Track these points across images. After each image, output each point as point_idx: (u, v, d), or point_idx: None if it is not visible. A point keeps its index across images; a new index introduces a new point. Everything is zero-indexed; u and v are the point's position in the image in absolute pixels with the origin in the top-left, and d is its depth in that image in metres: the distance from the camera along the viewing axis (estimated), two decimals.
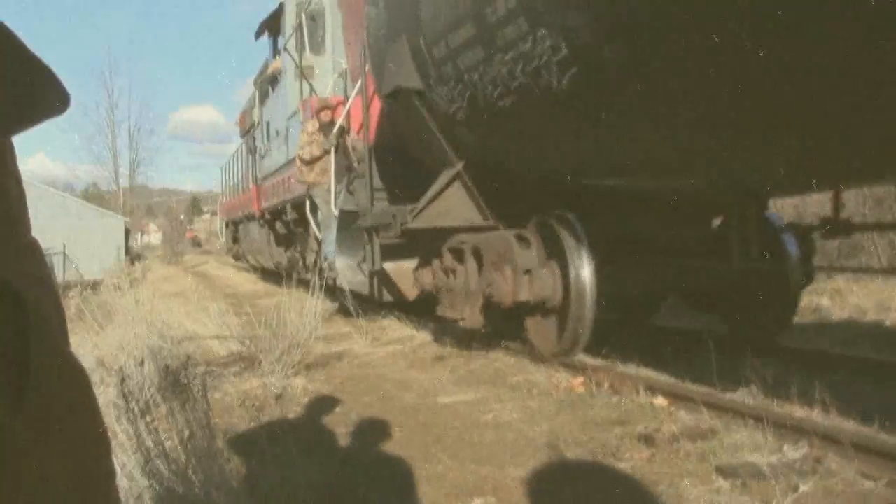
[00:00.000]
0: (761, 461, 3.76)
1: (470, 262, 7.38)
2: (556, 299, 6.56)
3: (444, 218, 7.56)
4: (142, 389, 4.79)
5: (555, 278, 6.55)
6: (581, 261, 6.31)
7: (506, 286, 6.64)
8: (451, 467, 4.17)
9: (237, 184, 26.25)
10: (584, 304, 6.24)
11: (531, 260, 6.67)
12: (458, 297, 7.52)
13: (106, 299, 12.28)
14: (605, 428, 4.76)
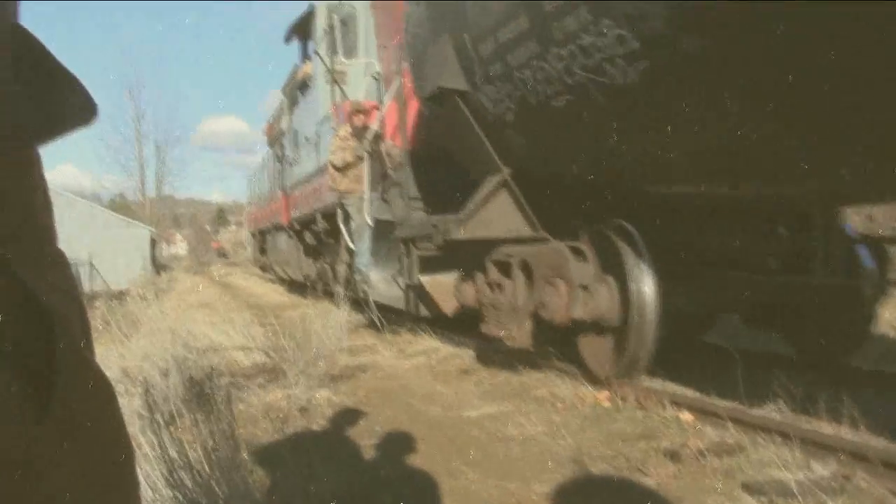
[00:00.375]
0: (789, 478, 3.72)
1: (518, 276, 6.92)
2: (613, 317, 6.09)
3: (490, 228, 7.14)
4: (166, 400, 4.80)
5: (612, 294, 6.09)
6: (642, 276, 5.87)
7: (559, 302, 6.16)
8: (476, 481, 4.15)
9: (264, 194, 25.85)
10: (645, 324, 5.82)
11: (587, 274, 6.21)
12: (505, 313, 7.01)
13: (131, 309, 12.35)
14: (630, 443, 4.73)
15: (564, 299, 6.14)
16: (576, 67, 5.21)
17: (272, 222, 23.18)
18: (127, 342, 8.01)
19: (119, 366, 6.60)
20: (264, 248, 27.09)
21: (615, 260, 6.04)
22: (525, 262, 6.83)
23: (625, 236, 6.06)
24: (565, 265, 6.23)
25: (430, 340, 9.15)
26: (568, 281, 6.16)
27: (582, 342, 6.52)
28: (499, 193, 7.09)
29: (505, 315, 6.98)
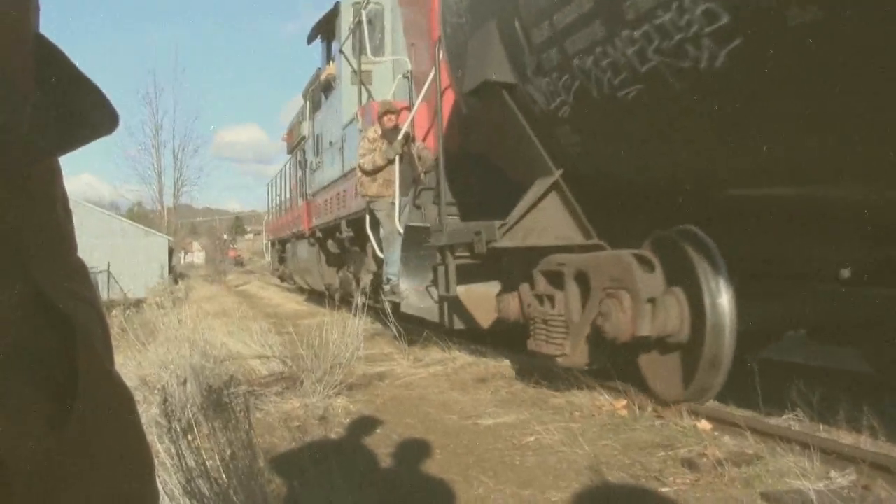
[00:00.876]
0: (807, 488, 3.69)
1: (571, 287, 6.24)
2: (682, 334, 5.47)
3: (538, 235, 6.54)
4: (184, 408, 4.81)
5: (682, 309, 5.45)
6: (718, 288, 5.24)
7: (623, 318, 5.48)
8: (493, 490, 4.15)
9: (284, 201, 25.60)
10: (721, 342, 5.19)
11: (656, 286, 5.54)
12: (557, 329, 6.28)
13: (149, 318, 12.39)
14: (648, 451, 4.71)
15: (629, 314, 5.50)
16: (650, 52, 4.70)
17: (292, 231, 22.64)
18: (144, 350, 8.03)
19: (137, 374, 6.62)
20: (283, 258, 26.54)
21: (684, 270, 5.45)
22: (580, 272, 6.17)
23: (696, 244, 5.48)
24: (631, 275, 5.57)
25: (447, 349, 9.14)
26: (633, 293, 5.51)
27: (644, 361, 5.90)
28: (549, 197, 6.54)
29: (557, 331, 6.31)
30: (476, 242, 6.83)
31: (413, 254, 9.06)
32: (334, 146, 15.40)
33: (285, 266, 26.32)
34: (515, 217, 6.50)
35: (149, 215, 65.48)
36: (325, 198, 16.60)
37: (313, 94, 18.82)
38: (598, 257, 6.07)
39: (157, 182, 63.46)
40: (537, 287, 6.67)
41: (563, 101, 5.86)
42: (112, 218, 48.12)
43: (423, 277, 9.14)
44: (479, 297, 8.10)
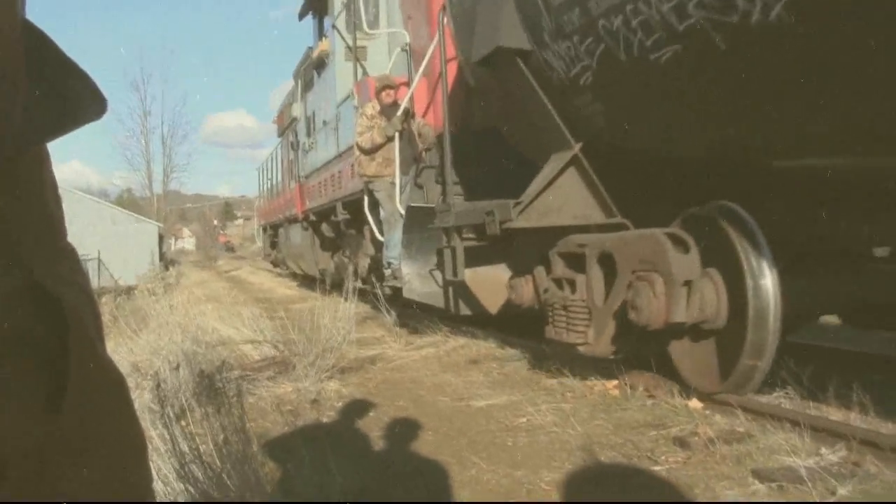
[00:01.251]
0: (798, 464, 3.72)
1: (594, 270, 5.76)
2: (719, 320, 5.03)
3: (556, 215, 6.08)
4: (176, 394, 4.82)
5: (718, 292, 5.01)
6: (761, 269, 4.76)
7: (655, 303, 5.02)
8: (486, 470, 4.16)
9: (275, 185, 25.00)
10: (765, 327, 4.73)
11: (691, 268, 5.03)
12: (578, 316, 5.83)
13: (140, 305, 12.38)
14: (639, 431, 4.73)
15: (662, 299, 5.04)
16: (691, 7, 4.25)
17: (285, 215, 21.86)
18: (136, 337, 8.03)
19: (129, 360, 6.62)
20: (276, 242, 25.82)
21: (721, 250, 4.97)
22: (605, 254, 5.66)
23: (735, 221, 4.98)
24: (664, 256, 5.06)
25: (439, 332, 9.15)
26: (667, 276, 5.02)
27: (676, 349, 5.43)
28: (567, 173, 6.06)
29: (578, 318, 5.85)
30: (488, 223, 6.40)
31: (415, 236, 8.58)
32: (328, 125, 14.88)
33: (278, 251, 25.62)
34: (531, 195, 6.07)
35: (138, 202, 65.52)
36: (319, 180, 16.04)
37: (305, 73, 18.27)
38: (625, 237, 5.58)
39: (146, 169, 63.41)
40: (555, 270, 6.20)
41: (584, 67, 5.44)
42: (102, 205, 48.12)
43: (426, 261, 8.69)
44: (487, 281, 7.69)
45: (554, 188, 6.07)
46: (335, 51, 14.04)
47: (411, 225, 8.51)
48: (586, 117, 5.77)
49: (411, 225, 8.51)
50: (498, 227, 6.25)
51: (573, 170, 6.05)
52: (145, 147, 64.45)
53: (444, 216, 7.44)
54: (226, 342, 8.05)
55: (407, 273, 8.68)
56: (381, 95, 9.92)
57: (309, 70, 17.55)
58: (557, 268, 6.19)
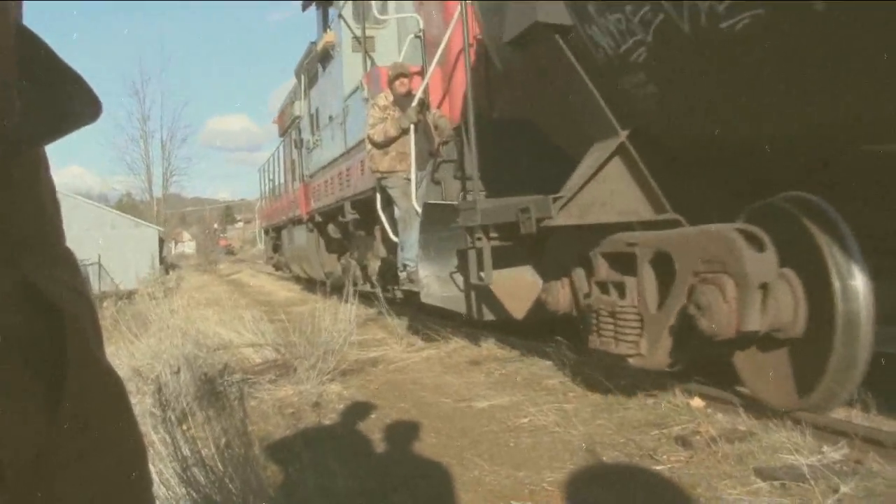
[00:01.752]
0: (801, 462, 3.71)
1: (646, 272, 5.11)
2: (796, 327, 4.38)
3: (600, 211, 5.47)
4: (178, 398, 4.82)
5: (795, 295, 4.37)
6: (850, 269, 4.15)
7: (726, 309, 4.31)
8: (488, 472, 4.16)
9: (277, 186, 24.11)
10: (856, 336, 4.11)
11: (768, 268, 4.31)
12: (629, 323, 5.19)
13: (141, 309, 12.38)
14: (641, 430, 4.73)
15: (734, 304, 4.34)
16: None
17: (288, 216, 20.83)
18: (137, 342, 8.03)
19: (129, 365, 6.62)
20: (278, 245, 24.88)
21: (800, 248, 4.35)
22: (659, 254, 5.00)
23: (816, 215, 4.37)
24: (736, 255, 4.36)
25: (440, 333, 9.14)
26: (740, 278, 4.32)
27: (742, 360, 4.82)
28: (611, 163, 5.45)
29: (629, 326, 5.21)
30: (523, 221, 5.71)
31: (433, 236, 7.78)
32: (335, 121, 14.07)
33: (280, 254, 24.66)
34: (573, 189, 5.41)
35: (138, 206, 65.46)
36: (324, 178, 15.22)
37: (308, 68, 17.39)
38: (685, 234, 4.89)
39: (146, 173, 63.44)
40: (598, 273, 5.56)
41: (637, 42, 4.79)
42: (102, 210, 48.07)
43: (444, 263, 7.89)
44: (511, 284, 7.16)
45: (597, 181, 5.45)
46: (341, 42, 13.37)
47: (429, 224, 7.77)
48: (636, 100, 5.15)
49: (429, 224, 7.77)
50: (534, 226, 5.59)
51: (619, 160, 5.45)
52: (145, 151, 64.50)
53: (469, 214, 6.73)
54: (227, 346, 8.05)
55: (425, 276, 7.92)
56: (395, 85, 9.30)
57: (313, 65, 16.71)
58: (601, 269, 5.56)
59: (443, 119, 9.24)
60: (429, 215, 7.75)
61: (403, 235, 9.19)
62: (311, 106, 17.06)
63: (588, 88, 5.35)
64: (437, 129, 9.18)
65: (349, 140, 12.70)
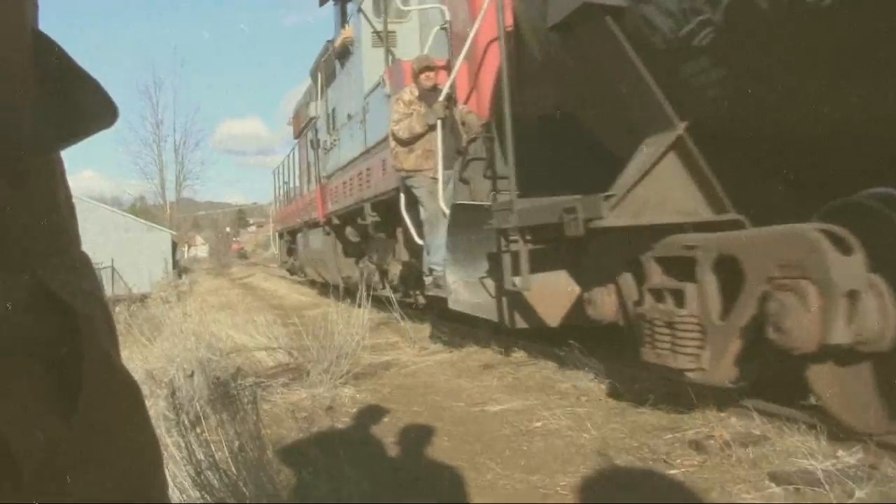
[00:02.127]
0: (815, 467, 3.69)
1: (708, 278, 4.57)
2: (884, 340, 3.82)
3: (654, 211, 4.96)
4: (191, 402, 4.82)
5: (884, 304, 3.82)
6: None
7: (808, 319, 3.81)
8: (501, 476, 4.16)
9: (292, 188, 23.45)
10: None
11: (856, 274, 3.81)
12: (688, 335, 4.67)
13: (154, 313, 12.42)
14: (655, 434, 4.72)
15: (818, 314, 3.83)
16: None
17: (303, 219, 20.04)
18: (150, 345, 8.06)
19: (143, 368, 6.63)
20: (293, 249, 24.25)
21: (888, 250, 3.86)
22: (725, 258, 4.46)
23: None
24: (820, 259, 3.84)
25: (452, 337, 9.13)
26: (824, 285, 3.81)
27: (818, 375, 4.22)
28: (666, 159, 4.94)
29: (688, 338, 4.69)
30: (568, 223, 5.18)
31: (462, 238, 7.31)
32: (354, 119, 13.43)
33: (295, 258, 24.00)
34: (625, 186, 4.91)
35: (151, 210, 65.66)
36: (343, 179, 14.49)
37: (325, 66, 16.59)
38: (756, 236, 4.39)
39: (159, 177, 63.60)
40: (651, 279, 5.10)
41: (703, 23, 4.30)
42: (115, 214, 48.32)
43: (474, 267, 7.40)
44: (546, 289, 6.63)
45: (651, 178, 4.94)
46: (361, 37, 12.84)
47: (457, 226, 7.28)
48: (697, 88, 4.67)
49: (457, 226, 7.28)
50: (582, 227, 5.06)
51: (675, 155, 4.92)
52: (158, 155, 64.60)
53: (504, 216, 6.23)
54: (240, 349, 8.07)
55: (452, 281, 7.44)
56: (421, 79, 8.77)
57: (330, 62, 16.08)
58: (655, 275, 5.08)
59: (471, 115, 8.51)
60: (457, 217, 7.26)
61: (429, 238, 8.69)
62: (328, 105, 16.36)
63: (642, 76, 4.86)
64: (465, 126, 8.37)
65: (369, 139, 12.17)
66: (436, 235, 8.32)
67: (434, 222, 8.46)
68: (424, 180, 8.75)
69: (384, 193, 11.00)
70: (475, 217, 6.97)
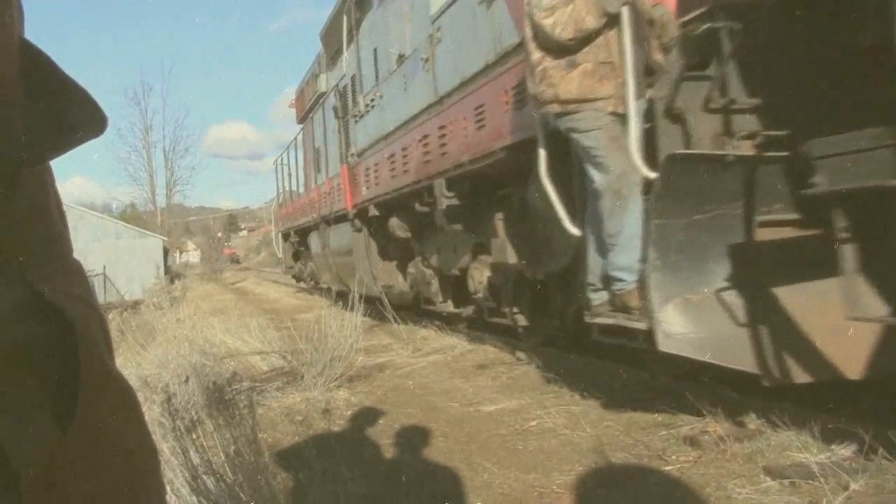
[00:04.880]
0: (810, 460, 3.71)
1: None
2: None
3: None
4: (187, 407, 4.82)
5: None
6: None
7: None
8: (497, 475, 4.16)
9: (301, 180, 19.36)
10: None
11: None
12: None
13: (147, 319, 12.40)
14: (650, 431, 4.73)
15: None
16: None
17: (321, 213, 15.72)
18: (144, 351, 8.04)
19: (137, 375, 6.62)
20: (301, 252, 20.47)
21: None
22: None
23: None
24: None
25: (446, 338, 9.13)
26: None
27: None
28: None
29: None
30: None
31: (680, 223, 4.27)
32: (411, 60, 9.58)
33: (303, 263, 20.18)
34: None
35: (142, 216, 65.50)
36: (388, 153, 10.63)
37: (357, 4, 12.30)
38: None
39: (149, 183, 63.47)
40: None
41: None
42: (106, 220, 48.18)
43: (698, 274, 4.38)
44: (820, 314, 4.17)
45: None
46: None
47: (672, 196, 4.23)
48: None
49: (672, 196, 4.23)
50: None
51: None
52: (148, 161, 64.45)
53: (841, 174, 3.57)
54: (234, 354, 8.06)
55: (660, 301, 4.29)
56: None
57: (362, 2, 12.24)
58: None
59: (660, 9, 4.96)
60: (673, 179, 4.21)
61: (612, 222, 4.84)
62: (358, 57, 12.49)
63: None
64: (654, 27, 4.97)
65: (443, 81, 8.46)
66: (623, 216, 4.77)
67: (620, 193, 4.76)
68: (599, 118, 4.89)
69: (484, 157, 7.20)
70: (709, 181, 4.24)
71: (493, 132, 6.90)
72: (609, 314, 4.98)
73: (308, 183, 18.05)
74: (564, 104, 4.99)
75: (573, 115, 4.99)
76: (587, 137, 4.96)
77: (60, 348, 0.76)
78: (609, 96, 4.89)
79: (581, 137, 4.99)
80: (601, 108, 4.89)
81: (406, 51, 9.85)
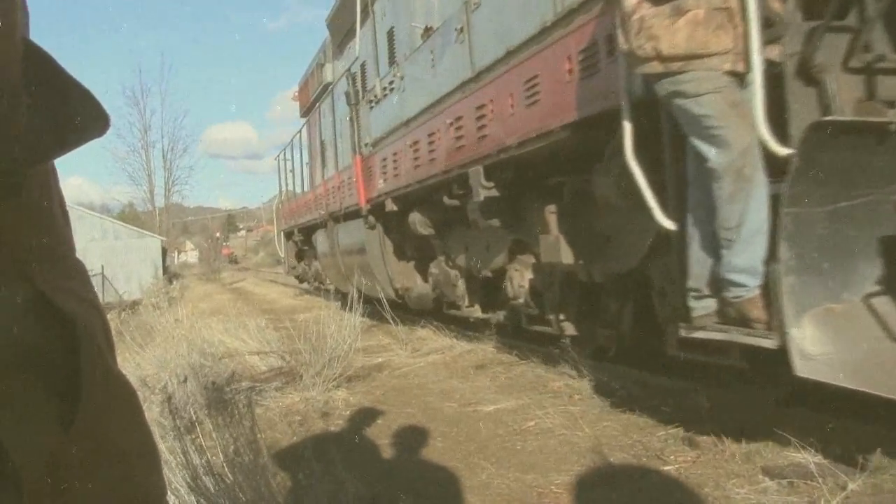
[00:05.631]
0: (808, 461, 3.71)
1: None
2: None
3: None
4: (186, 407, 4.82)
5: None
6: None
7: None
8: (495, 475, 4.16)
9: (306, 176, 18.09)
10: None
11: None
12: None
13: (146, 319, 12.38)
14: (648, 431, 4.72)
15: None
16: None
17: (328, 210, 14.59)
18: (142, 352, 8.03)
19: (136, 375, 6.62)
20: (305, 252, 19.40)
21: None
22: None
23: None
24: None
25: (444, 338, 9.13)
26: None
27: None
28: None
29: None
30: None
31: (823, 212, 3.47)
32: (441, 33, 8.28)
33: (308, 263, 19.10)
34: None
35: (140, 216, 65.37)
36: (411, 140, 9.33)
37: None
38: None
39: (147, 183, 63.37)
40: None
41: None
42: (104, 220, 48.10)
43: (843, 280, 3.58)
44: None
45: None
46: None
47: (815, 180, 3.40)
48: None
49: (815, 180, 3.40)
50: None
51: None
52: (146, 161, 64.34)
53: None
54: (232, 354, 8.04)
55: (795, 312, 3.45)
56: None
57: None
58: None
59: None
60: (817, 157, 3.35)
61: (731, 211, 3.80)
62: (375, 33, 11.33)
63: None
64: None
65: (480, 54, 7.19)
66: (747, 204, 3.75)
67: (742, 173, 3.73)
68: (714, 78, 3.85)
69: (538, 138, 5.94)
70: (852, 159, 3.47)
71: (550, 108, 5.71)
72: (717, 327, 3.98)
73: (313, 178, 16.76)
74: (668, 62, 3.91)
75: (679, 75, 3.91)
76: (698, 104, 3.87)
77: (62, 348, 0.77)
78: (726, 51, 3.81)
79: (689, 104, 3.90)
80: (716, 65, 3.83)
81: (434, 23, 8.71)
